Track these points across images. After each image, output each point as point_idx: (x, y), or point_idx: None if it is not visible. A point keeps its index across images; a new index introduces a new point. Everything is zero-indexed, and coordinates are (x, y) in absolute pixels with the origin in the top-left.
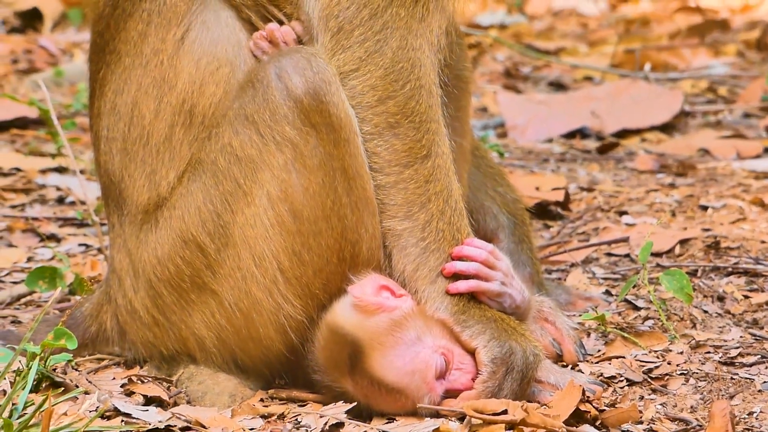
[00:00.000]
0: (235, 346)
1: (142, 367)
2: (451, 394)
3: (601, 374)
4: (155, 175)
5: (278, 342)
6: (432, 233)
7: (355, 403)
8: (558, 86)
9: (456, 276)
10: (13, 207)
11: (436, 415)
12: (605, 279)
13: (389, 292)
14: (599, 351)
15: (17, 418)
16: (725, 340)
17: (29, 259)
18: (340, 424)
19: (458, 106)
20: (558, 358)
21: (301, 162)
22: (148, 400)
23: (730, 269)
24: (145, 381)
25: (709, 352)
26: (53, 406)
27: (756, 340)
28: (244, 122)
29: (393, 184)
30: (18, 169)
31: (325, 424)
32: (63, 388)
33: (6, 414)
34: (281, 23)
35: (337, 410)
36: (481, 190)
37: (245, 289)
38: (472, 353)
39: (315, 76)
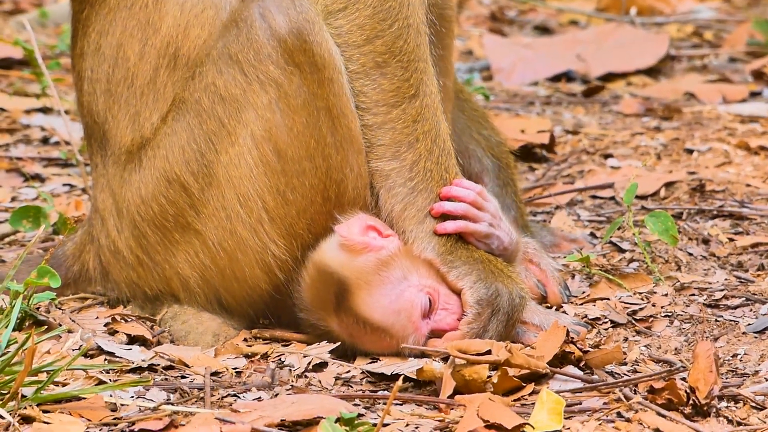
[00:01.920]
0: (219, 285)
1: (125, 307)
2: (437, 334)
3: (586, 316)
4: (139, 117)
5: (263, 281)
6: (420, 173)
7: (339, 343)
8: (544, 30)
9: (444, 216)
10: None
11: (421, 355)
12: (590, 221)
13: (376, 232)
14: (584, 293)
15: (0, 356)
16: (710, 283)
17: (13, 199)
18: (324, 364)
19: (443, 45)
20: (542, 300)
21: (285, 101)
22: (132, 339)
23: (715, 212)
24: (129, 320)
25: (693, 295)
26: (36, 344)
27: (740, 282)
28: (228, 62)
29: (380, 124)
30: (2, 109)
31: (309, 363)
32: (46, 327)
33: None
34: None
35: (321, 350)
36: (466, 133)
37: (230, 228)
38: (458, 294)
39: (299, 15)
